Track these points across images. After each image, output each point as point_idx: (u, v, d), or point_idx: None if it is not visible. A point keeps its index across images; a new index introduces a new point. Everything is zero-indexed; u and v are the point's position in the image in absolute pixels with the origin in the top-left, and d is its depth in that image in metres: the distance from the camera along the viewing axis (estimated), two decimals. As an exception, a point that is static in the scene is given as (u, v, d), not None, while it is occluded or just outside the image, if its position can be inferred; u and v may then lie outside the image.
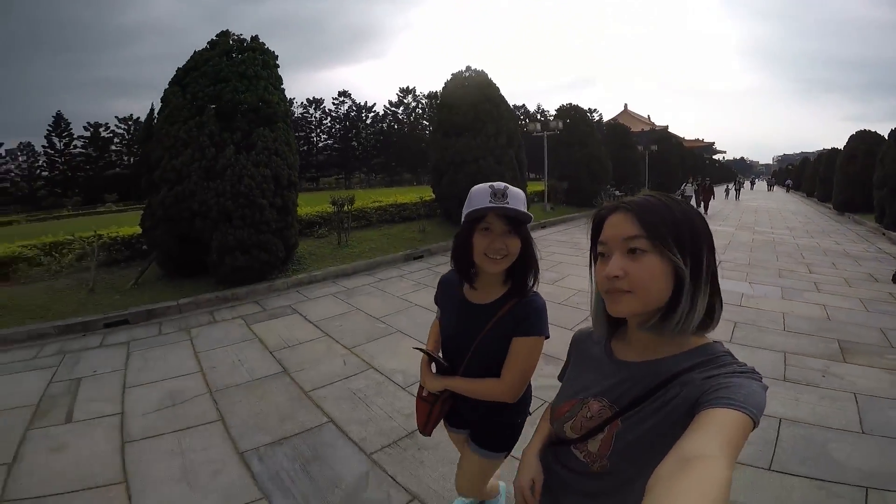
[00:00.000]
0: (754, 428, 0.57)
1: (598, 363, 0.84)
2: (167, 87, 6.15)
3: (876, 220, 12.07)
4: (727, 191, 26.59)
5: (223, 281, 5.66)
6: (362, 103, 46.31)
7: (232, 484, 2.15)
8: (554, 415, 0.87)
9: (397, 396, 2.97)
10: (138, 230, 7.38)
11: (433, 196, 10.74)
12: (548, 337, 1.21)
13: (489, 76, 9.76)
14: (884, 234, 10.40)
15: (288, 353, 3.76)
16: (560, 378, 0.96)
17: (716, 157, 73.09)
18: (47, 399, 3.08)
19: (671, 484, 0.49)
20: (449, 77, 9.89)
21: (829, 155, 22.57)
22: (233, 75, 5.86)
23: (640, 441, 0.69)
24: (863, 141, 16.50)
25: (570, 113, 14.68)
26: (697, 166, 36.88)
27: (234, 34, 6.56)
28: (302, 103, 45.35)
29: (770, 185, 47.60)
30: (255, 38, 6.56)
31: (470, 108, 9.23)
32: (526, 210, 1.15)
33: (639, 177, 22.30)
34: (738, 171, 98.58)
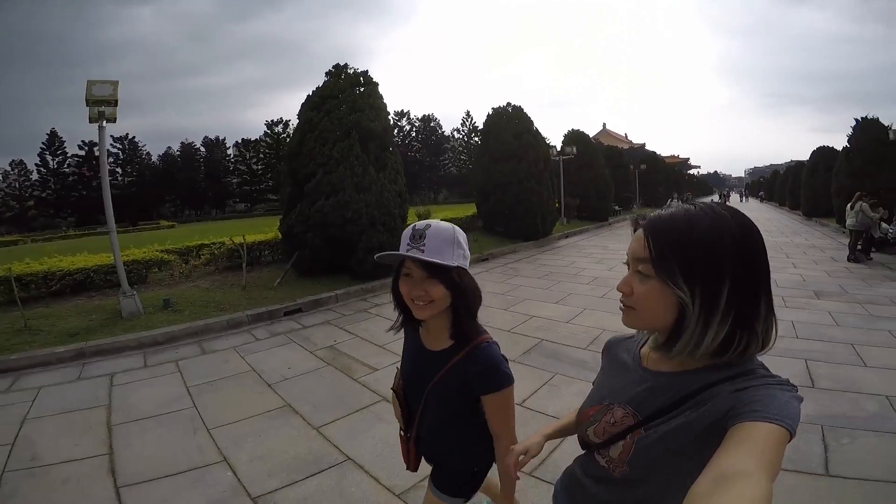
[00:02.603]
0: (791, 439, 0.58)
1: (626, 370, 0.86)
2: (306, 110, 8.02)
3: (837, 223, 14.96)
4: (711, 204, 29.70)
5: (359, 276, 7.57)
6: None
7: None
8: (579, 418, 0.90)
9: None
10: (263, 237, 9.10)
11: (475, 213, 13.05)
12: (513, 381, 1.18)
13: (524, 110, 12.22)
14: (843, 231, 13.18)
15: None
16: (595, 383, 0.97)
17: (691, 171, 78.56)
18: (334, 361, 4.16)
19: (709, 501, 0.51)
20: (490, 111, 12.37)
21: (796, 169, 26.34)
22: (366, 106, 7.90)
23: (659, 449, 0.71)
24: (822, 156, 19.77)
25: (577, 138, 17.38)
26: (678, 182, 40.61)
27: (350, 67, 8.47)
28: (299, 125, 48.06)
29: (742, 197, 52.25)
30: (365, 73, 8.49)
31: (514, 137, 11.64)
32: (450, 252, 1.08)
33: (632, 195, 25.25)
34: (713, 185, 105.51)
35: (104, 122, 5.93)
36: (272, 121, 51.15)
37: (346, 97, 7.86)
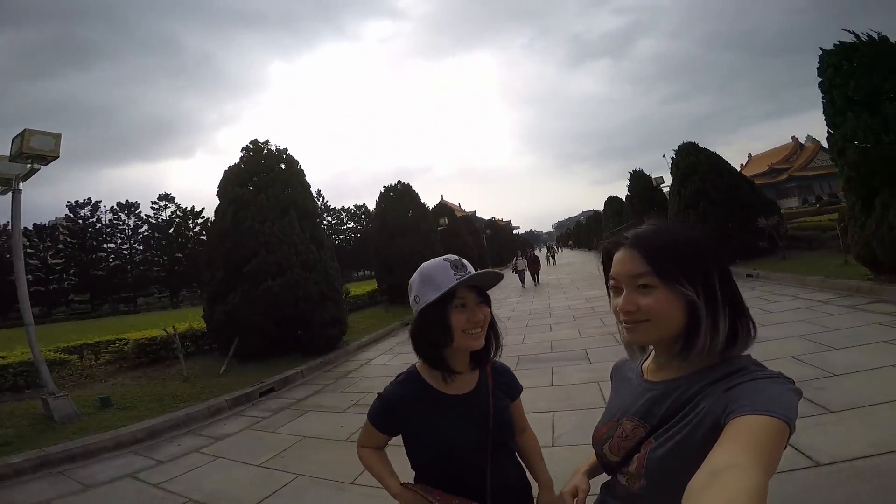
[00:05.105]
0: (791, 432, 0.60)
1: (631, 386, 0.91)
2: (233, 186, 8.18)
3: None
4: (547, 258, 36.79)
5: (312, 352, 7.86)
6: (188, 207, 44.67)
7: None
8: (594, 437, 0.92)
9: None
10: (183, 329, 8.47)
11: (375, 288, 14.26)
12: None
13: (412, 187, 14.30)
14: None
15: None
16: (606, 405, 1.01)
17: (514, 232, 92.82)
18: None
19: (701, 497, 0.53)
20: (382, 189, 14.24)
21: (594, 218, 35.10)
22: (297, 184, 8.52)
23: (670, 457, 0.73)
24: (612, 204, 26.91)
25: (444, 210, 20.35)
26: (513, 242, 48.32)
27: (270, 143, 8.94)
28: (112, 208, 41.06)
29: (558, 248, 64.91)
30: (286, 150, 9.04)
31: (404, 212, 13.45)
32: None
33: (484, 259, 29.70)
34: (533, 242, 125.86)
35: (20, 184, 5.14)
36: (76, 202, 42.51)
37: (277, 174, 8.44)
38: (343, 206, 57.77)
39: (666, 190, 19.25)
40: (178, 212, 43.58)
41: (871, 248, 6.12)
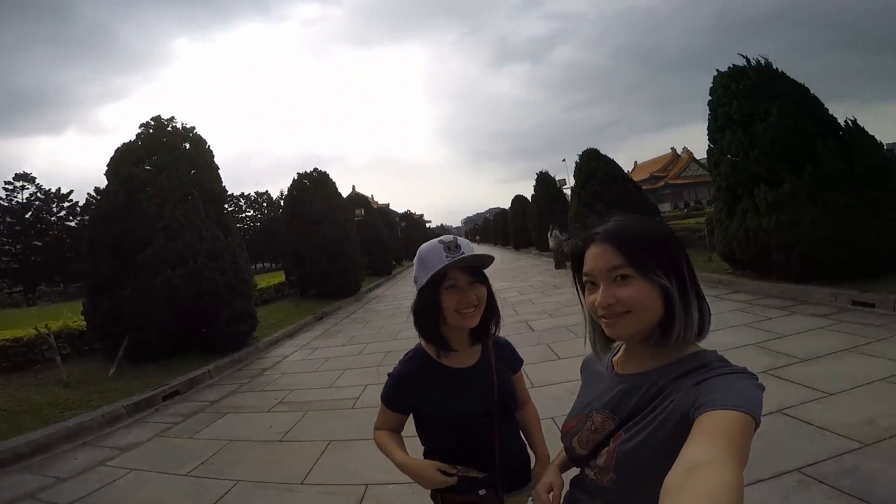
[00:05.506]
0: (757, 426, 0.62)
1: (601, 379, 0.91)
2: (127, 165, 7.20)
3: (537, 250, 22.42)
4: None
5: (218, 350, 7.20)
6: (52, 189, 37.98)
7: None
8: (563, 430, 0.93)
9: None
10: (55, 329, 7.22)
11: (282, 280, 13.48)
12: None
13: (329, 176, 13.75)
14: (542, 255, 20.09)
15: (345, 359, 6.82)
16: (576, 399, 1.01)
17: (427, 226, 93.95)
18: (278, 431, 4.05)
19: (680, 493, 0.53)
20: (295, 176, 13.41)
21: (501, 214, 37.11)
22: (204, 165, 7.71)
23: (639, 450, 0.74)
24: (519, 203, 28.70)
25: (360, 201, 19.89)
26: (427, 236, 49.01)
27: (175, 121, 8.05)
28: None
29: (468, 243, 67.67)
30: (193, 129, 8.18)
31: (320, 201, 12.91)
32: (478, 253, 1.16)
33: (399, 251, 29.85)
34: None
35: None
36: None
37: (182, 154, 7.60)
38: (242, 193, 53.41)
39: (567, 191, 21.00)
40: (38, 194, 36.81)
41: (731, 247, 7.33)
